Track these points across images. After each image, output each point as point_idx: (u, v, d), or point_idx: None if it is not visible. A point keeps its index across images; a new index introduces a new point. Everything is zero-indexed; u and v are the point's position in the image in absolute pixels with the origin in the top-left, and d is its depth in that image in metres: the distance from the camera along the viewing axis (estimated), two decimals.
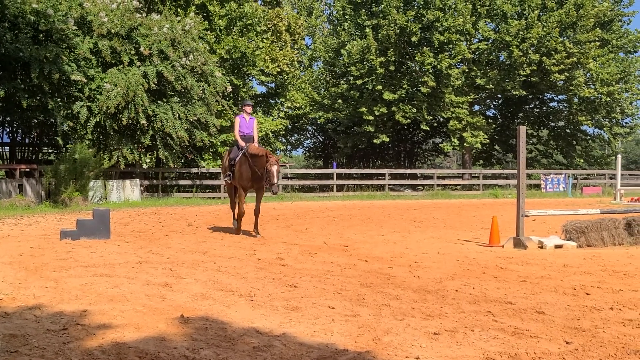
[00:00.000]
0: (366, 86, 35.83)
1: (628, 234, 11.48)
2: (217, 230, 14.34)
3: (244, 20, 30.22)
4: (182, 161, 28.17)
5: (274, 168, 12.25)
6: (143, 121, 22.65)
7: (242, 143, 13.27)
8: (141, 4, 24.41)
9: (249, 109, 13.83)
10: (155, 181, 27.58)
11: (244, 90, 31.44)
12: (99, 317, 5.76)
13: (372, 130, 36.12)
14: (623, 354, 4.75)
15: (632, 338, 5.14)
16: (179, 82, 23.41)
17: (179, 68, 23.43)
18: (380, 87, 34.97)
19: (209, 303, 6.45)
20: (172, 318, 5.76)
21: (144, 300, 6.53)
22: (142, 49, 22.87)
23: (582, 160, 41.19)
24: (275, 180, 12.33)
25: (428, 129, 38.61)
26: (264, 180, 12.61)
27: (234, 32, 29.94)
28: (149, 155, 26.17)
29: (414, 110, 35.74)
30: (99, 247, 10.62)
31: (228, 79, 27.44)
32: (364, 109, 35.55)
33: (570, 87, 36.62)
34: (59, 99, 22.22)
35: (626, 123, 41.13)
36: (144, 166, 25.02)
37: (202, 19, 27.30)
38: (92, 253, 9.96)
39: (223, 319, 5.78)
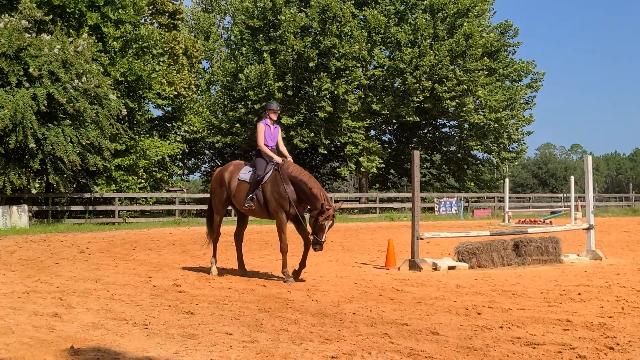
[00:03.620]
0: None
1: (516, 254, 11.95)
2: (110, 257, 13.90)
3: (140, 43, 29.74)
4: (74, 186, 27.24)
5: (328, 224, 9.78)
6: (32, 145, 21.84)
7: (277, 158, 10.36)
8: (31, 24, 23.58)
9: (274, 116, 10.81)
10: (45, 207, 26.53)
11: (140, 113, 30.85)
12: None
13: None
14: None
15: (521, 355, 5.33)
16: (71, 104, 22.72)
17: (71, 90, 22.76)
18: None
19: (101, 333, 6.22)
20: (62, 350, 5.52)
21: (31, 331, 6.23)
22: (31, 69, 22.07)
23: (472, 184, 42.76)
24: (324, 238, 9.82)
25: (326, 153, 39.10)
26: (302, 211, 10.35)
27: (130, 54, 29.39)
28: (39, 180, 25.19)
29: (312, 134, 36.14)
30: None
31: (123, 101, 26.88)
32: None
33: (461, 114, 38.09)
34: None
35: (513, 148, 43.13)
36: (33, 191, 24.05)
37: (96, 41, 26.67)
38: None
39: (116, 349, 5.59)
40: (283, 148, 10.80)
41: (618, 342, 5.71)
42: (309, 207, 10.07)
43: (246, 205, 10.30)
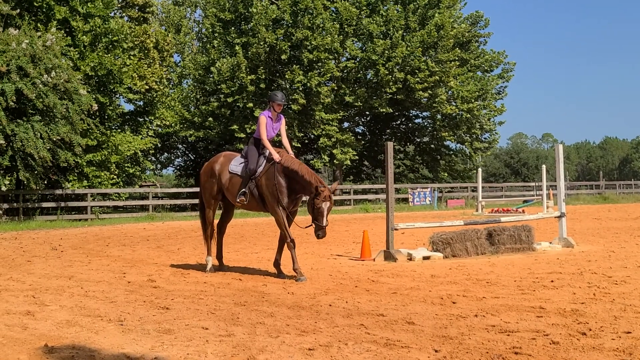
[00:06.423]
0: (237, 104, 35.75)
1: (489, 243, 12.05)
2: (83, 253, 13.77)
3: (110, 37, 29.43)
4: (45, 182, 26.90)
5: (326, 206, 9.12)
6: (1, 141, 21.53)
7: (275, 155, 9.72)
8: None
9: (278, 108, 10.23)
10: (15, 204, 26.16)
11: (111, 108, 30.55)
12: None
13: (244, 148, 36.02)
14: (487, 359, 4.96)
15: (495, 343, 5.39)
16: (41, 100, 22.42)
17: (40, 85, 22.45)
18: (251, 104, 35.01)
19: (75, 330, 6.16)
20: (36, 348, 5.45)
21: (3, 330, 6.15)
22: None
23: (446, 174, 43.00)
24: (325, 222, 9.11)
25: (299, 145, 39.03)
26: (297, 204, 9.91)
27: (100, 48, 29.06)
28: (8, 176, 24.84)
29: (285, 127, 35.98)
30: None
31: (94, 96, 26.58)
32: (235, 127, 35.45)
33: (434, 104, 38.26)
34: None
35: (485, 138, 43.45)
36: (3, 188, 23.73)
37: (65, 35, 26.34)
38: None
39: (91, 346, 5.54)
40: (286, 142, 10.33)
41: (590, 328, 5.80)
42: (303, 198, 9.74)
43: (238, 200, 9.92)
